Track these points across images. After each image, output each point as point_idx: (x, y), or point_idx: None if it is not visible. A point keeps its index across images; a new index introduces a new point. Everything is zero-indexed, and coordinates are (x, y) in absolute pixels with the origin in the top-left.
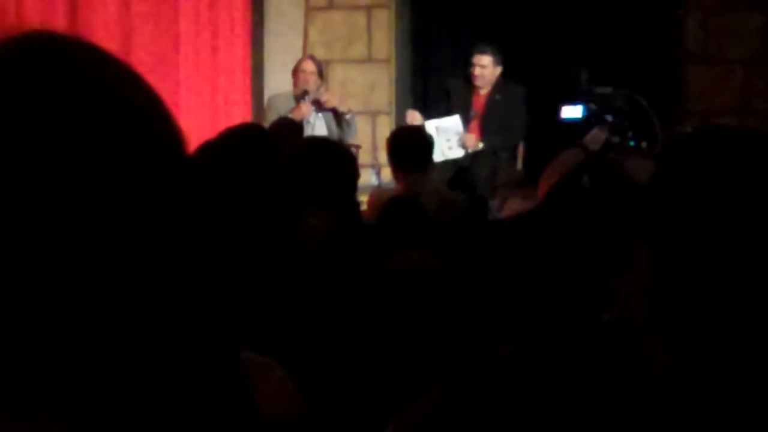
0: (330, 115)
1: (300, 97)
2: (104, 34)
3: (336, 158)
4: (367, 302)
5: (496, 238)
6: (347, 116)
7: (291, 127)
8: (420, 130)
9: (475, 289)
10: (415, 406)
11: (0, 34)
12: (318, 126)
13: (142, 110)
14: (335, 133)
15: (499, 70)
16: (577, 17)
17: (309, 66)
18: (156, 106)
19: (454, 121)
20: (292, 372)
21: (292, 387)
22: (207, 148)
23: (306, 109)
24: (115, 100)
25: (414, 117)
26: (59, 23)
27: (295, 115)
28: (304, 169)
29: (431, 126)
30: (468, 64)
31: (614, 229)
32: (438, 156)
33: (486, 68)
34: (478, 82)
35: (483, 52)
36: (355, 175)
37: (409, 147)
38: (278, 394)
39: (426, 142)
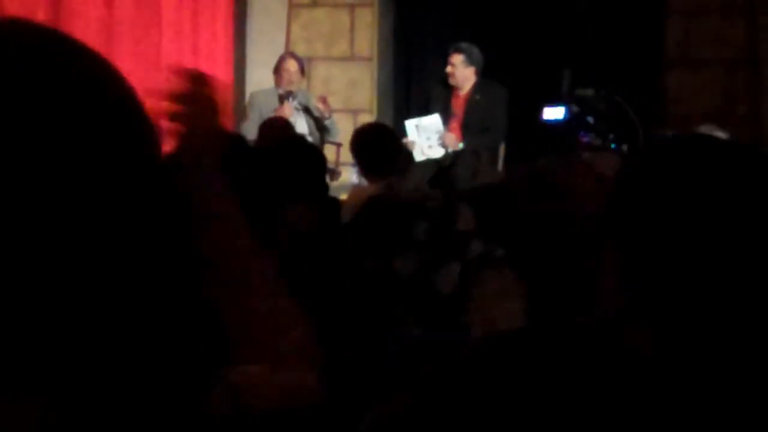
0: (310, 115)
1: (284, 97)
2: (85, 27)
3: (304, 155)
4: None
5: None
6: (326, 121)
7: (282, 127)
8: (383, 130)
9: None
10: (395, 398)
11: None
12: (299, 125)
13: (113, 103)
14: (316, 133)
15: (471, 70)
16: (560, 19)
17: (292, 65)
18: (128, 99)
19: (433, 120)
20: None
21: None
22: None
23: (289, 111)
24: (86, 91)
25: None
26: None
27: (279, 115)
28: (275, 167)
29: (411, 125)
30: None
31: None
32: (418, 155)
33: (456, 67)
34: (450, 81)
35: (455, 51)
36: (323, 171)
37: (376, 152)
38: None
39: (393, 143)
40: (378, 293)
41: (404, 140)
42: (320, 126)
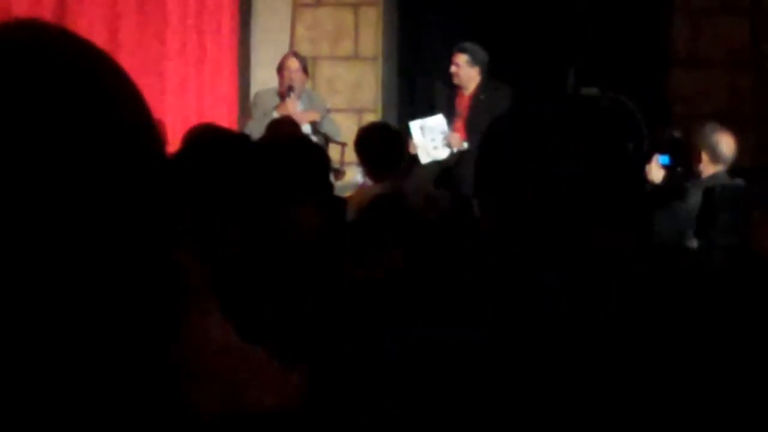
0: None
1: (285, 93)
2: (90, 28)
3: (307, 154)
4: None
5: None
6: (324, 121)
7: (290, 126)
8: (388, 130)
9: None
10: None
11: None
12: (303, 126)
13: (119, 102)
14: (319, 132)
15: (476, 70)
16: (565, 18)
17: (293, 64)
18: (134, 99)
19: (438, 120)
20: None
21: (283, 376)
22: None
23: (292, 106)
24: (93, 91)
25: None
26: (46, 15)
27: (281, 112)
28: (278, 165)
29: (416, 126)
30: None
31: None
32: (424, 157)
33: (460, 67)
34: (454, 80)
35: (460, 50)
36: (327, 170)
37: (380, 151)
38: (266, 383)
39: (397, 143)
40: (377, 292)
41: (410, 142)
42: (316, 130)
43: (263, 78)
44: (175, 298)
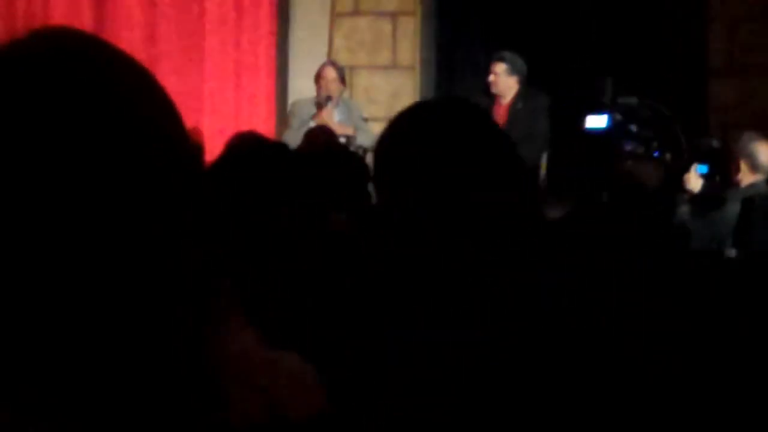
0: (351, 122)
1: (323, 103)
2: (130, 41)
3: (346, 163)
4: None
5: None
6: (359, 131)
7: (326, 135)
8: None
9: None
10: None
11: (23, 30)
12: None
13: (150, 115)
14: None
15: (514, 79)
16: (603, 27)
17: (330, 73)
18: (167, 112)
19: None
20: (323, 370)
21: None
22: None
23: (328, 115)
24: (124, 104)
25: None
26: (85, 22)
27: (317, 121)
28: (318, 174)
29: None
30: None
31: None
32: None
33: (499, 76)
34: (492, 90)
35: (498, 60)
36: (365, 179)
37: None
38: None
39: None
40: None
41: None
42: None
43: (301, 87)
44: (202, 307)
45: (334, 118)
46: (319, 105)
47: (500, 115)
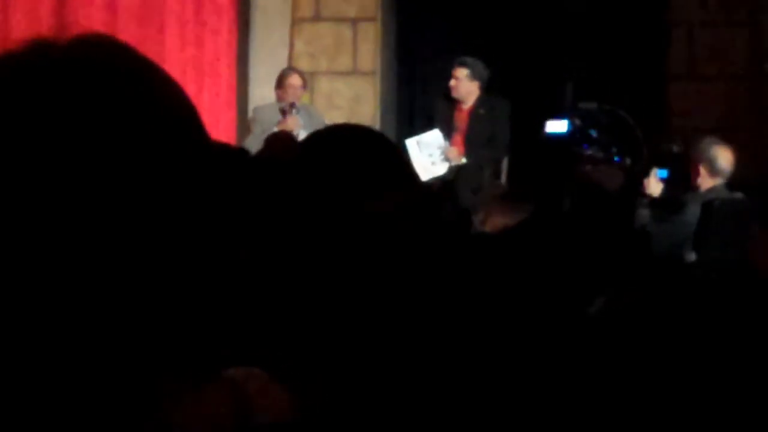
0: (313, 129)
1: (287, 110)
2: None
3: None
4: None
5: (480, 252)
6: None
7: (287, 141)
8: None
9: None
10: None
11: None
12: (302, 137)
13: (187, 127)
14: None
15: (475, 85)
16: (563, 32)
17: (297, 80)
18: (194, 116)
19: (434, 136)
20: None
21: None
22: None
23: (292, 122)
24: (164, 115)
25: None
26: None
27: (282, 128)
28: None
29: (412, 143)
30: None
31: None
32: (423, 174)
33: (460, 81)
34: (453, 95)
35: (460, 65)
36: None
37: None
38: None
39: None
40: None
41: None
42: None
43: (262, 93)
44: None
45: (298, 126)
46: (283, 111)
47: (461, 120)
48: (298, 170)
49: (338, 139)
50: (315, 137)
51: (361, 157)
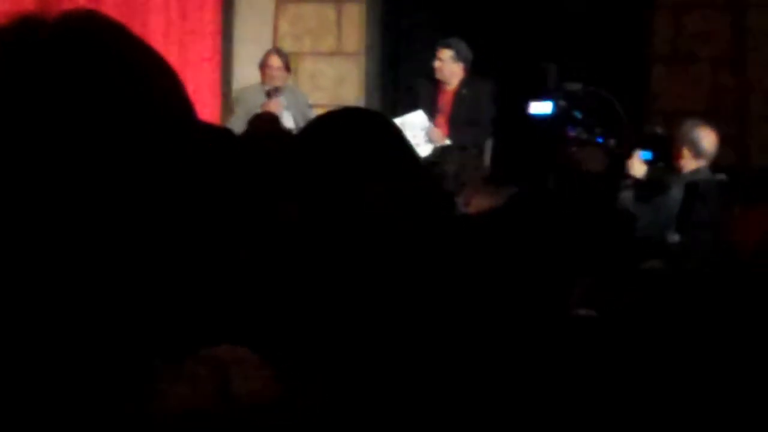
0: (297, 110)
1: (271, 93)
2: None
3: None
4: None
5: (464, 233)
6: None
7: (270, 121)
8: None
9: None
10: None
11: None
12: (286, 120)
13: (177, 112)
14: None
15: (459, 66)
16: (547, 13)
17: (275, 61)
18: (183, 95)
19: (418, 117)
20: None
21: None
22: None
23: (275, 106)
24: (155, 95)
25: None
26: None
27: (265, 110)
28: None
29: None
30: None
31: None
32: None
33: (444, 62)
34: (437, 76)
35: (444, 46)
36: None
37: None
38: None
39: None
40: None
41: None
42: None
43: (246, 74)
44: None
45: (282, 109)
46: (269, 94)
47: (445, 101)
48: (300, 152)
49: (341, 122)
50: (318, 122)
51: (362, 141)
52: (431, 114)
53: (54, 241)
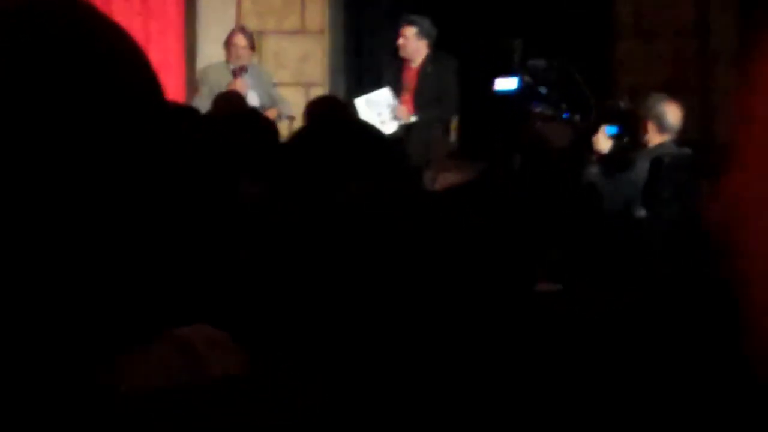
0: (262, 89)
1: (237, 72)
2: None
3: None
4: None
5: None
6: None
7: (236, 100)
8: (335, 103)
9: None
10: None
11: None
12: (251, 99)
13: (133, 82)
14: (267, 107)
15: (424, 43)
16: None
17: (240, 40)
18: (151, 83)
19: (384, 94)
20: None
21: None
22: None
23: (241, 85)
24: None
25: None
26: None
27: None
28: (232, 140)
29: (361, 102)
30: None
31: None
32: None
33: (408, 39)
34: (401, 53)
35: (408, 23)
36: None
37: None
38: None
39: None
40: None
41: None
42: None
43: (210, 52)
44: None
45: (247, 89)
46: (234, 73)
47: (410, 78)
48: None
49: (328, 132)
50: (309, 131)
51: (346, 147)
52: (396, 91)
53: (15, 219)
